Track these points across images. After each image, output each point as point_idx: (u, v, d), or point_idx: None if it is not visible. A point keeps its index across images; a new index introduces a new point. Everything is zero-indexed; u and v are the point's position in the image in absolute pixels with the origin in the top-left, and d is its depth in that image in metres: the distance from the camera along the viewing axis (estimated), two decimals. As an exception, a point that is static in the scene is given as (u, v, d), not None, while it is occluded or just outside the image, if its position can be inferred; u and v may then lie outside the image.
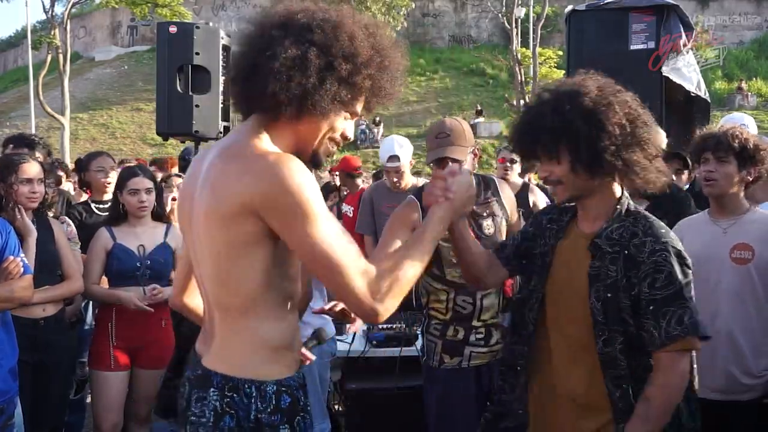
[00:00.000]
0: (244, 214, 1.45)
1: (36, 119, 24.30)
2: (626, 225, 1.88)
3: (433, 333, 2.88)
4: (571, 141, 1.82)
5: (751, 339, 2.52)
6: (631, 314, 1.84)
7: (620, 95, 1.88)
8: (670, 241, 1.84)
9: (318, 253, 1.44)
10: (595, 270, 1.88)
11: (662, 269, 1.79)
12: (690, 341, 1.79)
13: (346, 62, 1.50)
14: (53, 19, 22.24)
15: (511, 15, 24.69)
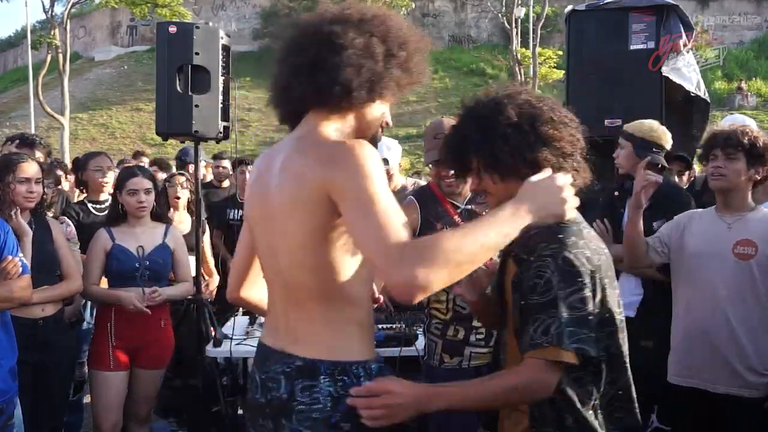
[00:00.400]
0: (328, 200, 1.50)
1: (36, 119, 24.31)
2: (542, 230, 1.76)
3: (434, 332, 2.87)
4: (472, 151, 1.80)
5: (753, 335, 2.54)
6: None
7: (517, 97, 1.81)
8: (563, 247, 1.69)
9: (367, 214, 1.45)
10: (517, 278, 1.79)
11: (542, 275, 1.67)
12: (553, 352, 1.62)
13: (401, 50, 1.62)
14: (53, 19, 22.25)
15: (511, 15, 24.70)
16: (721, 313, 2.56)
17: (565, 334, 1.62)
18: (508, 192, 1.77)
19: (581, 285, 1.66)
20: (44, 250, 3.11)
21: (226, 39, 3.84)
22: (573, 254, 1.68)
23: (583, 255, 1.69)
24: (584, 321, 1.65)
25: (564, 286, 1.65)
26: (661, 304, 2.84)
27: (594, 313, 1.67)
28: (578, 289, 1.65)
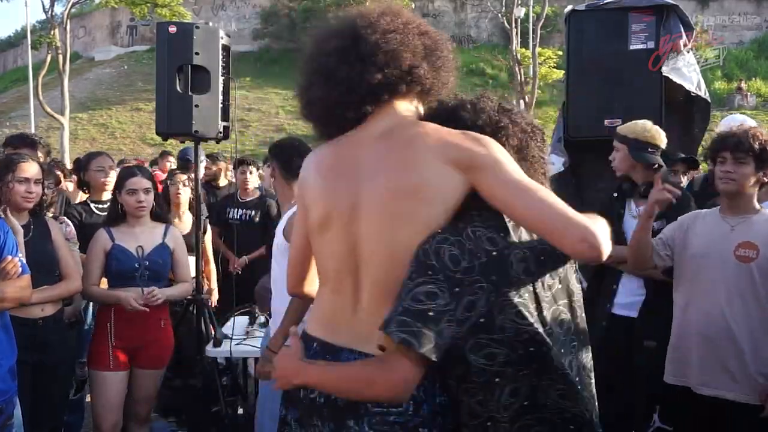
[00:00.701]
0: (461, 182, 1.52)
1: (36, 119, 24.30)
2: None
3: None
4: None
5: (751, 338, 2.53)
6: None
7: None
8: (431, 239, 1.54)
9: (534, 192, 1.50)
10: None
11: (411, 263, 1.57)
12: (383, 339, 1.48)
13: (439, 50, 1.76)
14: (53, 19, 22.25)
15: (511, 15, 24.68)
16: (719, 315, 2.56)
17: (394, 322, 1.47)
18: None
19: (430, 279, 1.50)
20: (43, 251, 3.10)
21: (226, 39, 3.85)
22: (434, 248, 1.53)
23: (447, 252, 1.54)
24: (423, 315, 1.47)
25: (415, 276, 1.52)
26: (664, 305, 2.84)
27: (439, 312, 1.48)
28: (425, 282, 1.50)
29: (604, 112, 3.79)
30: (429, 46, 1.68)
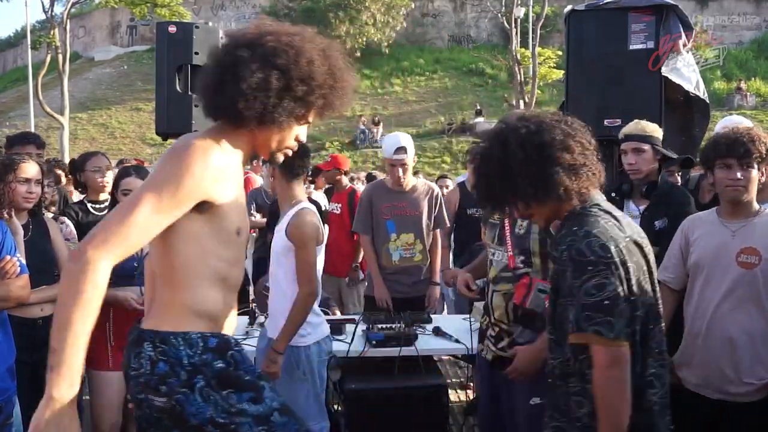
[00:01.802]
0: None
1: (35, 119, 24.29)
2: (568, 225, 1.97)
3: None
4: (501, 196, 2.02)
5: (750, 344, 2.51)
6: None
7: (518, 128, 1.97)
8: (575, 238, 1.87)
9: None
10: (553, 275, 2.01)
11: (565, 269, 1.87)
12: (579, 336, 1.83)
13: (302, 84, 1.75)
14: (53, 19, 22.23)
15: (511, 15, 24.67)
16: (720, 321, 2.53)
17: (582, 320, 1.80)
18: (547, 209, 2.01)
19: (593, 273, 1.81)
20: (42, 251, 3.10)
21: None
22: (585, 244, 1.83)
23: (597, 243, 1.84)
24: (599, 306, 1.79)
25: (578, 275, 1.82)
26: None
27: (611, 299, 1.80)
28: (591, 276, 1.81)
29: (603, 112, 3.79)
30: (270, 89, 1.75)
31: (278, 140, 1.87)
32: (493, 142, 2.01)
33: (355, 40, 32.12)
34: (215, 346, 1.76)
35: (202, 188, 1.68)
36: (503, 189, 1.98)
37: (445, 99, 30.27)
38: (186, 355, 1.73)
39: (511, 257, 2.67)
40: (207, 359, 1.74)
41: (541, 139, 1.93)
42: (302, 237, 2.98)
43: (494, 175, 1.97)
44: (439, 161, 24.21)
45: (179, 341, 1.74)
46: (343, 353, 3.48)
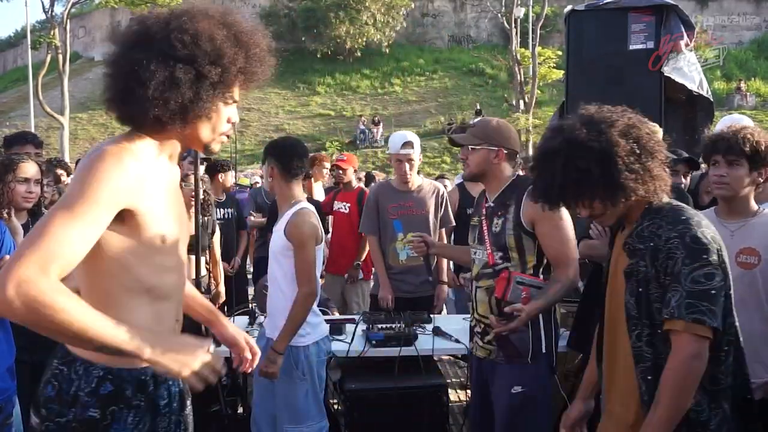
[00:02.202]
0: None
1: (35, 119, 24.31)
2: (655, 221, 1.92)
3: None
4: (591, 189, 1.90)
5: (750, 343, 2.51)
6: (660, 304, 1.87)
7: (615, 121, 1.90)
8: (686, 227, 1.85)
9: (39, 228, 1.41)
10: (630, 267, 1.93)
11: (673, 256, 1.82)
12: (675, 323, 1.80)
13: (214, 66, 1.57)
14: (53, 19, 22.25)
15: (511, 15, 24.69)
16: None
17: (683, 306, 1.78)
18: (623, 207, 1.94)
19: (706, 261, 1.80)
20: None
21: (226, 39, 3.84)
22: (699, 232, 1.83)
23: (708, 233, 1.84)
24: (706, 295, 1.79)
25: (690, 262, 1.80)
26: None
27: (717, 288, 1.80)
28: (703, 265, 1.80)
29: (603, 112, 3.79)
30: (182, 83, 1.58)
31: (209, 129, 1.68)
32: (588, 130, 1.89)
33: (355, 40, 32.14)
34: (104, 393, 1.60)
35: (119, 197, 1.49)
36: (600, 182, 1.87)
37: (445, 99, 30.29)
38: (76, 386, 1.60)
39: (490, 254, 2.86)
40: (87, 402, 1.59)
41: (640, 131, 1.90)
42: (301, 236, 2.98)
43: (592, 167, 1.85)
44: (439, 161, 24.23)
45: (79, 369, 1.61)
46: (343, 353, 3.48)
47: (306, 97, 31.11)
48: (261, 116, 29.21)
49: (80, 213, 1.42)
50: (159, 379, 1.69)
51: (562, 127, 1.96)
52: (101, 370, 1.60)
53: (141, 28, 1.58)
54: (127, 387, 1.63)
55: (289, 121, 29.18)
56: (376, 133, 26.63)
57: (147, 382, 1.66)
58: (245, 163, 20.95)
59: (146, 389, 1.66)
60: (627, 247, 1.96)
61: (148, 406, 1.67)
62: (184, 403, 1.80)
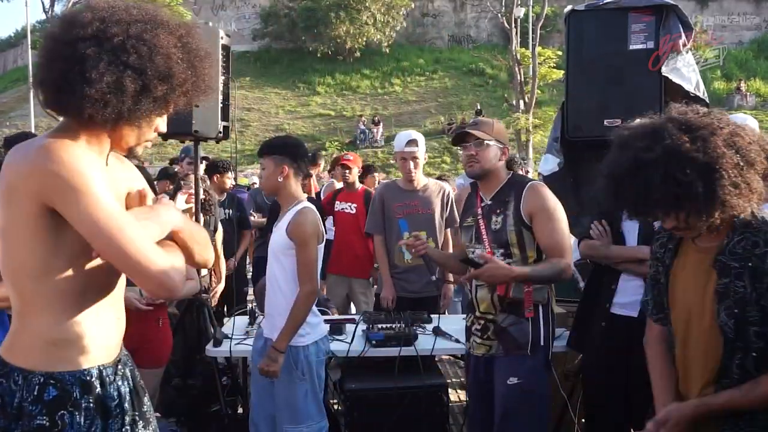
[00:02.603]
0: (33, 206, 1.50)
1: (35, 119, 24.30)
2: (747, 236, 1.81)
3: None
4: (688, 201, 1.72)
5: None
6: (759, 326, 1.79)
7: (718, 129, 1.72)
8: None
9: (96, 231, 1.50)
10: (723, 286, 1.82)
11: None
12: None
13: (162, 83, 1.57)
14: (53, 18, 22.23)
15: (511, 15, 24.69)
16: None
17: None
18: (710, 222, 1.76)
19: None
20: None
21: (226, 39, 3.84)
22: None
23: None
24: None
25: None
26: None
27: None
28: None
29: (603, 112, 3.78)
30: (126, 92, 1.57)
31: (137, 136, 1.68)
32: (690, 138, 1.70)
33: (355, 40, 32.13)
34: (50, 399, 1.55)
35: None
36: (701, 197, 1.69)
37: (445, 99, 30.29)
38: (18, 397, 1.55)
39: (490, 252, 2.89)
40: (32, 411, 1.54)
41: (743, 140, 1.73)
42: (304, 235, 2.98)
43: (695, 180, 1.67)
44: (439, 161, 24.23)
45: (18, 379, 1.56)
46: (343, 353, 3.49)
47: (306, 97, 31.11)
48: (261, 116, 29.20)
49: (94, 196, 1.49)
50: (107, 379, 1.66)
51: (658, 133, 1.75)
52: (41, 376, 1.56)
53: (99, 22, 1.53)
54: (73, 389, 1.59)
55: (289, 121, 29.17)
56: (376, 133, 26.62)
57: (92, 383, 1.62)
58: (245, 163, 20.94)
59: (92, 390, 1.62)
60: (718, 264, 1.84)
61: (98, 408, 1.62)
62: (140, 401, 1.77)
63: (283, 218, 3.09)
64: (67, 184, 1.47)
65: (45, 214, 1.50)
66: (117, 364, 1.71)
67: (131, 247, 1.50)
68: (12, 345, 1.60)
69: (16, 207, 1.51)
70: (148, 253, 1.52)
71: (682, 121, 1.76)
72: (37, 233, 1.52)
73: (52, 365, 1.57)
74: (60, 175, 1.47)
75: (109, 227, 1.48)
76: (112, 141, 1.67)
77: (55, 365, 1.58)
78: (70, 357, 1.59)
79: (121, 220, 1.51)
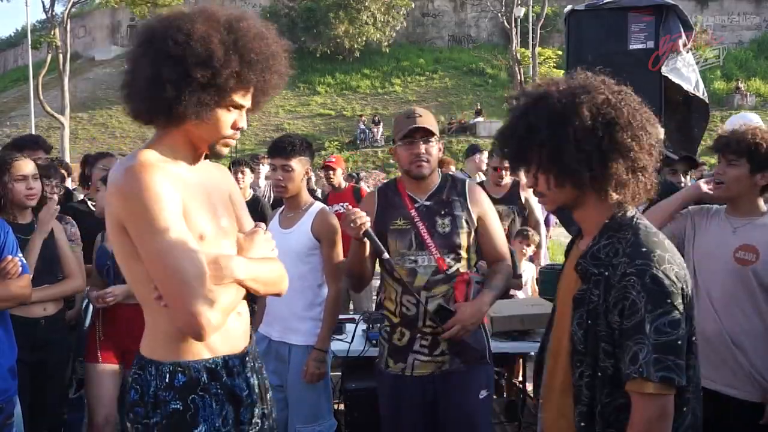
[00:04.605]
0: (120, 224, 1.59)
1: (36, 119, 24.30)
2: (613, 241, 1.65)
3: (383, 335, 2.78)
4: (536, 145, 1.66)
5: (747, 340, 2.51)
6: (608, 344, 1.62)
7: (596, 94, 1.63)
8: (646, 263, 1.56)
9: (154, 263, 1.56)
10: (581, 293, 1.67)
11: (628, 296, 1.55)
12: (644, 385, 1.52)
13: (202, 68, 1.55)
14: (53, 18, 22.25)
15: (511, 15, 24.70)
16: (714, 316, 2.54)
17: (651, 364, 1.50)
18: (562, 197, 1.70)
19: (670, 307, 1.53)
20: (47, 251, 3.10)
21: (227, 39, 3.85)
22: (662, 270, 1.54)
23: (672, 271, 1.56)
24: (672, 347, 1.52)
25: (650, 307, 1.52)
26: None
27: (682, 337, 1.54)
28: (667, 311, 1.52)
29: (603, 112, 3.80)
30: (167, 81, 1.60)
31: (210, 132, 1.66)
32: (559, 92, 1.65)
33: (355, 40, 32.12)
34: (180, 385, 1.65)
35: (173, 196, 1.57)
36: (542, 146, 1.64)
37: (445, 99, 30.27)
38: (154, 386, 1.66)
39: (440, 259, 2.63)
40: (166, 397, 1.65)
41: (620, 114, 1.62)
42: (334, 234, 3.02)
43: (544, 125, 1.62)
44: (439, 161, 24.23)
45: (152, 370, 1.67)
46: (343, 353, 3.49)
47: (306, 96, 31.10)
48: (261, 116, 29.17)
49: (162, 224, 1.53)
50: (234, 369, 1.72)
51: (548, 84, 1.74)
52: (170, 365, 1.66)
53: (149, 26, 1.63)
54: (200, 375, 1.67)
55: (289, 120, 29.16)
56: (377, 133, 26.61)
57: (218, 371, 1.70)
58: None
59: (219, 377, 1.69)
60: (579, 268, 1.69)
61: (228, 396, 1.70)
62: (264, 396, 1.83)
63: (300, 219, 3.06)
64: (133, 211, 1.54)
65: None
66: (246, 356, 1.77)
67: (173, 283, 1.52)
68: (146, 340, 1.72)
69: (113, 221, 1.60)
70: (188, 291, 1.52)
71: (575, 79, 1.71)
72: (134, 246, 1.58)
73: (179, 356, 1.67)
74: (129, 200, 1.54)
75: (161, 260, 1.52)
76: (192, 141, 1.69)
77: (181, 356, 1.67)
78: (194, 348, 1.67)
79: (173, 253, 1.52)
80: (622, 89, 1.72)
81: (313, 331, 2.99)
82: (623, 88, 1.73)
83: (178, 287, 1.52)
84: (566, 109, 1.61)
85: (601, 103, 1.62)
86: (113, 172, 1.62)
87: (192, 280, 1.52)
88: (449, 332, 2.52)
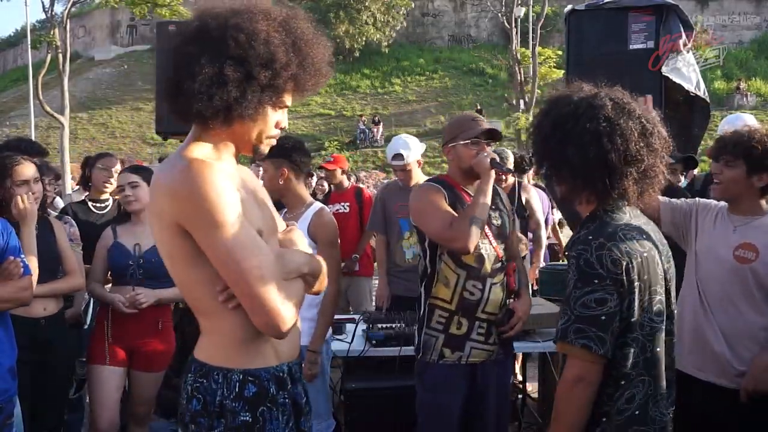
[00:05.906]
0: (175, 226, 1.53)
1: (35, 119, 24.30)
2: (585, 231, 1.86)
3: (436, 327, 2.81)
4: (545, 155, 1.94)
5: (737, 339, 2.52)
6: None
7: (605, 102, 1.89)
8: (585, 248, 1.77)
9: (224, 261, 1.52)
10: (568, 280, 1.86)
11: (568, 274, 1.80)
12: (565, 347, 1.77)
13: (264, 69, 1.55)
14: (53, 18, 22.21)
15: (511, 14, 24.69)
16: (708, 312, 2.56)
17: (571, 330, 1.73)
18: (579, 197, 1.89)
19: (598, 287, 1.73)
20: (48, 250, 3.10)
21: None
22: (596, 256, 1.74)
23: (608, 257, 1.74)
24: (595, 320, 1.72)
25: (580, 285, 1.75)
26: None
27: (608, 314, 1.73)
28: (594, 290, 1.73)
29: (603, 112, 3.79)
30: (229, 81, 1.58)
31: (257, 132, 1.66)
32: (570, 100, 1.90)
33: (355, 40, 32.12)
34: (250, 395, 1.60)
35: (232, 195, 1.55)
36: (551, 156, 1.90)
37: (445, 98, 30.28)
38: (221, 395, 1.60)
39: (496, 248, 2.86)
40: (235, 408, 1.59)
41: (631, 124, 1.84)
42: (331, 235, 3.05)
43: (552, 135, 1.89)
44: (439, 161, 24.22)
45: (218, 377, 1.60)
46: (343, 353, 3.49)
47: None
48: (261, 116, 29.23)
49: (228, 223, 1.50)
50: (296, 375, 1.71)
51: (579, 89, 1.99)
52: (239, 373, 1.60)
53: (201, 23, 1.58)
54: (269, 385, 1.63)
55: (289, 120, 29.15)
56: (377, 133, 26.61)
57: (285, 378, 1.67)
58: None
59: (286, 386, 1.67)
60: (566, 253, 1.91)
61: (292, 404, 1.69)
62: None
63: (297, 220, 3.07)
64: (197, 211, 1.50)
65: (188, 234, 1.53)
66: (302, 362, 1.75)
67: (249, 281, 1.50)
68: (207, 346, 1.65)
69: (167, 224, 1.54)
70: (266, 288, 1.51)
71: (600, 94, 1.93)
72: (193, 249, 1.54)
73: (248, 362, 1.62)
74: (190, 200, 1.50)
75: (234, 258, 1.49)
76: (235, 141, 1.67)
77: (251, 362, 1.62)
78: (264, 354, 1.64)
79: (246, 251, 1.50)
80: (623, 98, 1.94)
81: (310, 332, 3.02)
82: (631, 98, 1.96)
83: (254, 285, 1.49)
84: (572, 117, 1.84)
85: (610, 111, 1.85)
86: (162, 174, 1.58)
87: (268, 276, 1.51)
88: (515, 329, 2.81)
